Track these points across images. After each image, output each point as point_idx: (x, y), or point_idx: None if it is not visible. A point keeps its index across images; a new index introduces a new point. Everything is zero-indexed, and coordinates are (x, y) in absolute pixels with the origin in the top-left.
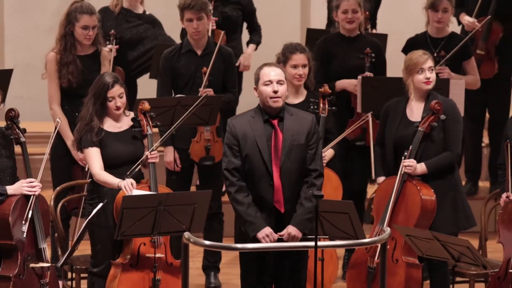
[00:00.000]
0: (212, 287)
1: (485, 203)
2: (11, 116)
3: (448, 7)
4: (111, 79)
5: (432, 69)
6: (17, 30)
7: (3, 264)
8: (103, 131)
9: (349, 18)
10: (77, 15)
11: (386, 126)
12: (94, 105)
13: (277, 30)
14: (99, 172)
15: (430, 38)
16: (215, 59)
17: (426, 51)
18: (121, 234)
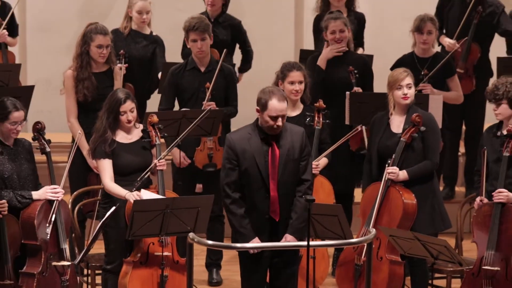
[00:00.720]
0: (214, 283)
1: (461, 206)
2: (37, 128)
3: (432, 30)
4: (123, 95)
5: (410, 86)
6: (38, 49)
7: (28, 262)
8: (115, 142)
9: (337, 37)
10: (92, 35)
11: (372, 139)
12: (108, 118)
13: (273, 51)
14: (109, 183)
15: (417, 58)
16: (217, 75)
17: (408, 69)
18: (132, 234)
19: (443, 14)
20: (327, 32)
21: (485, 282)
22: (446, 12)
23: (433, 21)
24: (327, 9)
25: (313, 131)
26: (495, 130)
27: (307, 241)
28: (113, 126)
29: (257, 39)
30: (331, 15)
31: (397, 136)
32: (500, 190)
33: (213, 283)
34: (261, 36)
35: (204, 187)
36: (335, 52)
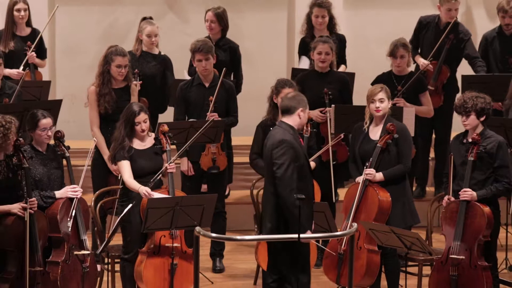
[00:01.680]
0: (218, 270)
1: (431, 204)
2: (58, 136)
3: (404, 54)
4: (137, 108)
5: (382, 101)
6: (65, 68)
7: (53, 252)
8: (132, 149)
9: (322, 58)
10: (113, 56)
11: (354, 145)
12: (125, 128)
13: (269, 68)
14: (128, 179)
15: (394, 76)
16: (219, 90)
17: (384, 85)
18: (146, 228)
19: (419, 37)
20: (314, 52)
21: (452, 269)
22: (422, 36)
23: (405, 47)
24: (311, 32)
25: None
26: (461, 138)
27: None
28: (129, 134)
29: (254, 58)
30: (321, 38)
31: (374, 142)
32: (465, 189)
33: (216, 270)
34: (258, 56)
35: (208, 187)
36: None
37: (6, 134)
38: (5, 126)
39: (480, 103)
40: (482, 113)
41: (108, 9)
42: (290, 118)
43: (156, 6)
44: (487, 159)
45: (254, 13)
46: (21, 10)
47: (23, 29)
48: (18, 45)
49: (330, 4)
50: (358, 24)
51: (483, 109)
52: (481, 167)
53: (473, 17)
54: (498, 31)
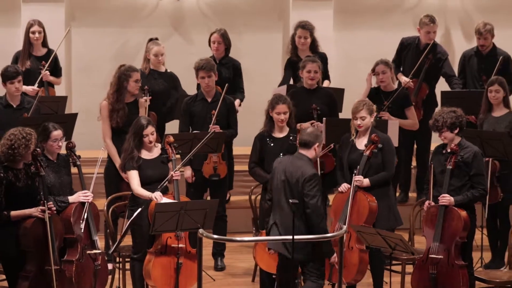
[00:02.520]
0: (219, 268)
1: (413, 208)
2: (69, 147)
3: (386, 70)
4: (145, 122)
5: (363, 118)
6: (81, 85)
7: (68, 252)
8: (140, 159)
9: (311, 76)
10: (130, 73)
11: (341, 154)
12: (134, 140)
13: (266, 84)
14: (137, 188)
15: (381, 92)
16: (220, 104)
17: (369, 100)
18: (154, 230)
19: (401, 56)
20: (304, 71)
21: (431, 267)
22: (404, 56)
23: (386, 64)
24: (296, 52)
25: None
26: (441, 149)
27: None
28: (138, 146)
29: (252, 75)
30: (309, 58)
31: (361, 151)
32: (444, 195)
33: (218, 268)
34: (256, 72)
35: (210, 193)
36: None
37: (27, 145)
38: (26, 138)
39: (449, 119)
40: (454, 126)
41: (119, 31)
42: (308, 151)
43: (163, 29)
44: (463, 168)
45: (252, 34)
46: (36, 32)
47: (39, 50)
48: (34, 64)
49: (312, 27)
50: (346, 45)
51: (453, 123)
52: (458, 175)
53: (452, 38)
54: (475, 51)
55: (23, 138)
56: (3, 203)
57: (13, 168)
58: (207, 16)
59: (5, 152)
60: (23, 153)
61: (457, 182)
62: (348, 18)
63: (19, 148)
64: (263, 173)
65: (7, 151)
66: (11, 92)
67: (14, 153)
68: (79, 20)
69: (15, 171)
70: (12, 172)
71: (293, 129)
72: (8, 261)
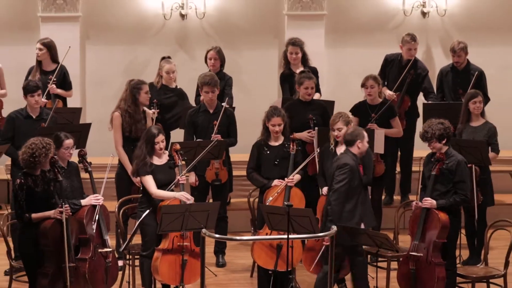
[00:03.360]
0: (220, 264)
1: (398, 210)
2: (81, 154)
3: (374, 84)
4: (156, 130)
5: (339, 129)
6: (94, 97)
7: (81, 251)
8: (152, 165)
9: (308, 92)
10: (140, 85)
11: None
12: (146, 147)
13: (262, 97)
14: (156, 191)
15: (368, 105)
16: (222, 115)
17: (343, 113)
18: (161, 230)
19: (385, 71)
20: (301, 87)
21: (411, 263)
22: (388, 71)
23: (375, 79)
24: (289, 66)
25: (289, 155)
26: (431, 156)
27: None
28: (150, 152)
29: (250, 87)
30: (305, 74)
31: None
32: (426, 198)
33: (219, 265)
34: (253, 87)
35: (212, 196)
36: (309, 140)
37: (47, 153)
38: (46, 147)
39: (438, 130)
40: (442, 137)
41: (129, 48)
42: (352, 148)
43: (169, 46)
44: (448, 175)
45: (251, 51)
46: (37, 49)
47: (49, 65)
48: (43, 78)
49: (302, 43)
50: (337, 60)
51: (441, 134)
52: (443, 181)
53: (432, 55)
54: (451, 66)
55: (43, 147)
56: (25, 207)
57: (32, 175)
58: (210, 35)
59: (26, 160)
60: (43, 161)
61: (442, 188)
62: (338, 37)
63: (39, 156)
64: (260, 178)
65: (28, 159)
66: (31, 104)
67: (35, 161)
68: (93, 38)
69: (34, 177)
70: (31, 178)
71: (288, 138)
72: (28, 260)
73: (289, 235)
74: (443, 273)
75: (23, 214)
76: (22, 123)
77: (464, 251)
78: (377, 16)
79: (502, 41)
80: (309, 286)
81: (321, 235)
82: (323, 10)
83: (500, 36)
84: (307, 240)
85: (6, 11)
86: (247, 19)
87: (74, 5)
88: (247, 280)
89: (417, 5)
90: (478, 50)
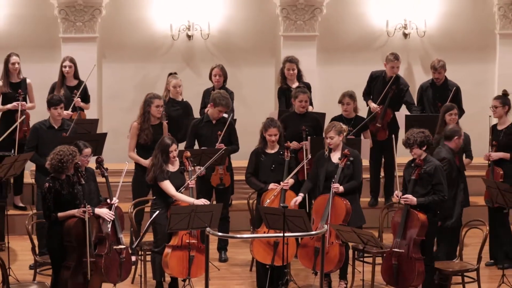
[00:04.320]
0: (223, 260)
1: (382, 210)
2: (98, 161)
3: (350, 102)
4: (170, 141)
5: (331, 138)
6: (110, 109)
7: (98, 247)
8: (168, 172)
9: (302, 105)
10: (152, 99)
11: (317, 167)
12: (162, 156)
13: (261, 109)
14: (177, 195)
15: (344, 118)
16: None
17: (336, 122)
18: (170, 228)
19: (371, 86)
20: (296, 100)
21: (394, 259)
22: (373, 86)
23: (350, 97)
24: (285, 81)
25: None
26: (410, 163)
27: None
28: (165, 160)
29: (249, 101)
30: (300, 89)
31: (336, 164)
32: (407, 195)
33: (222, 260)
34: (252, 99)
35: (216, 198)
36: (297, 148)
37: (72, 160)
38: (72, 154)
39: (419, 138)
40: (423, 144)
41: (141, 65)
42: (450, 142)
43: (177, 64)
44: (426, 178)
45: (250, 68)
46: (67, 66)
47: (71, 81)
48: (67, 92)
49: (297, 60)
50: (327, 77)
51: (422, 141)
52: (422, 184)
53: (413, 71)
54: (431, 82)
55: (70, 154)
56: (52, 207)
57: (58, 179)
58: (213, 54)
59: (55, 165)
60: (69, 167)
61: (422, 190)
62: (328, 55)
63: (67, 162)
64: (257, 182)
65: (56, 164)
66: (54, 116)
67: (62, 166)
68: (108, 57)
69: (60, 181)
70: (58, 182)
71: (283, 146)
72: (54, 254)
73: (285, 233)
74: (423, 267)
75: (50, 214)
76: (45, 133)
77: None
78: (363, 37)
79: (476, 59)
80: (302, 279)
81: (313, 233)
82: (315, 32)
83: (474, 55)
84: (301, 237)
85: (32, 33)
86: (247, 39)
87: (92, 27)
88: (247, 274)
89: (399, 27)
90: (455, 68)
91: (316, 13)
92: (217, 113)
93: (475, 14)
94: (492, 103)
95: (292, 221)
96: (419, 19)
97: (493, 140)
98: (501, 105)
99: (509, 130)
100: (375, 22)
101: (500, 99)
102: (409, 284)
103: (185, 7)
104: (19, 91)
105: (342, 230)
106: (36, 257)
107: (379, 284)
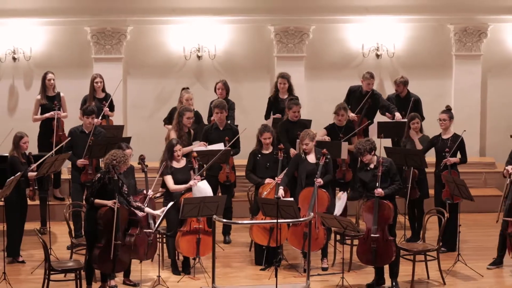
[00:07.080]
0: (227, 242)
1: (359, 202)
2: (141, 158)
3: (344, 113)
4: (175, 141)
5: (306, 144)
6: (133, 117)
7: (131, 228)
8: (172, 167)
9: (296, 115)
10: (184, 112)
11: (297, 167)
12: (167, 154)
13: (257, 118)
14: (173, 186)
15: (337, 126)
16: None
17: (309, 130)
18: (182, 215)
19: (349, 99)
20: (290, 111)
21: (372, 243)
22: (351, 99)
23: (345, 109)
24: (277, 93)
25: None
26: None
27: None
28: (170, 158)
29: (248, 110)
30: (294, 101)
31: (314, 163)
32: (378, 189)
33: (226, 242)
34: (251, 109)
35: (222, 192)
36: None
37: (125, 162)
38: (125, 157)
39: (368, 145)
40: (371, 150)
41: (159, 81)
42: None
43: (188, 79)
44: (386, 173)
45: (249, 83)
46: (98, 82)
47: (100, 94)
48: (97, 103)
49: (289, 76)
50: (314, 90)
51: (371, 148)
52: (384, 178)
53: (384, 86)
54: (396, 94)
55: (123, 156)
56: (94, 193)
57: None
58: (219, 71)
59: (109, 163)
60: (122, 167)
61: (384, 183)
62: (315, 72)
63: (120, 163)
64: (255, 177)
65: (110, 162)
66: (86, 124)
67: (114, 165)
68: (132, 73)
69: (109, 177)
70: (107, 176)
71: (276, 147)
72: (89, 235)
73: (278, 220)
74: (395, 247)
75: (90, 198)
76: (78, 137)
77: (408, 231)
78: (343, 57)
79: (436, 76)
80: (293, 258)
81: (301, 220)
82: (303, 53)
83: (434, 72)
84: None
85: (68, 54)
86: (247, 59)
87: (118, 49)
88: (247, 254)
89: (372, 49)
90: (418, 83)
91: (304, 38)
92: (217, 117)
93: (435, 38)
94: (441, 116)
95: (285, 210)
96: (389, 43)
97: (441, 148)
98: (449, 118)
99: (455, 139)
100: (352, 45)
101: (448, 113)
102: (387, 262)
103: (195, 32)
104: (55, 102)
105: (325, 217)
106: (72, 239)
107: (356, 262)
